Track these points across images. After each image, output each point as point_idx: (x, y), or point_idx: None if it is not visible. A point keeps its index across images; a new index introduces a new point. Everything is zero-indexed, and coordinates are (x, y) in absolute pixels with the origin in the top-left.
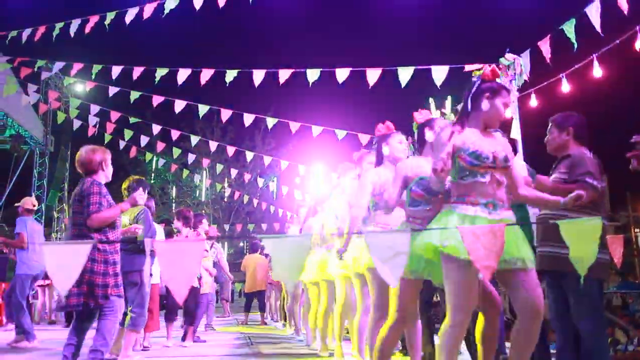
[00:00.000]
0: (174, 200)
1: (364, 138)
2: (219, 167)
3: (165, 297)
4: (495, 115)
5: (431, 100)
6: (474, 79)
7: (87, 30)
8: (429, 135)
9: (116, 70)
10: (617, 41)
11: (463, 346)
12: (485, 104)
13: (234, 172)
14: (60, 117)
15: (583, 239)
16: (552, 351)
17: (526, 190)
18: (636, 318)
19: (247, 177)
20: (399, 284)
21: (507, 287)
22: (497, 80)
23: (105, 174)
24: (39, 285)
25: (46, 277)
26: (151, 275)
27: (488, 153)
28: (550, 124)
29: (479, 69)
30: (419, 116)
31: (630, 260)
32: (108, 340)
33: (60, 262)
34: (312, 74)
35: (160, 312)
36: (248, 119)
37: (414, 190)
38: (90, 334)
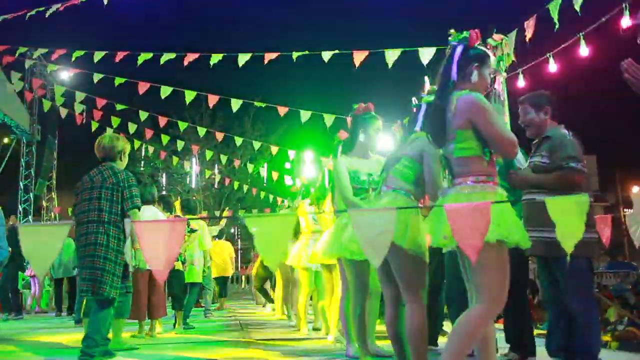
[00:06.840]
0: (164, 188)
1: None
2: (209, 154)
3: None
4: (483, 87)
5: (426, 78)
6: (453, 44)
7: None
8: None
9: (98, 56)
10: (603, 19)
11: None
12: (474, 75)
13: (223, 158)
14: (46, 105)
15: (570, 216)
16: (542, 332)
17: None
18: (624, 297)
19: (237, 163)
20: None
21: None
22: (478, 45)
23: (122, 164)
24: (31, 276)
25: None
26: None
27: None
28: (524, 104)
29: (459, 33)
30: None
31: (619, 240)
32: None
33: (38, 244)
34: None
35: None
36: (236, 104)
37: None
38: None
